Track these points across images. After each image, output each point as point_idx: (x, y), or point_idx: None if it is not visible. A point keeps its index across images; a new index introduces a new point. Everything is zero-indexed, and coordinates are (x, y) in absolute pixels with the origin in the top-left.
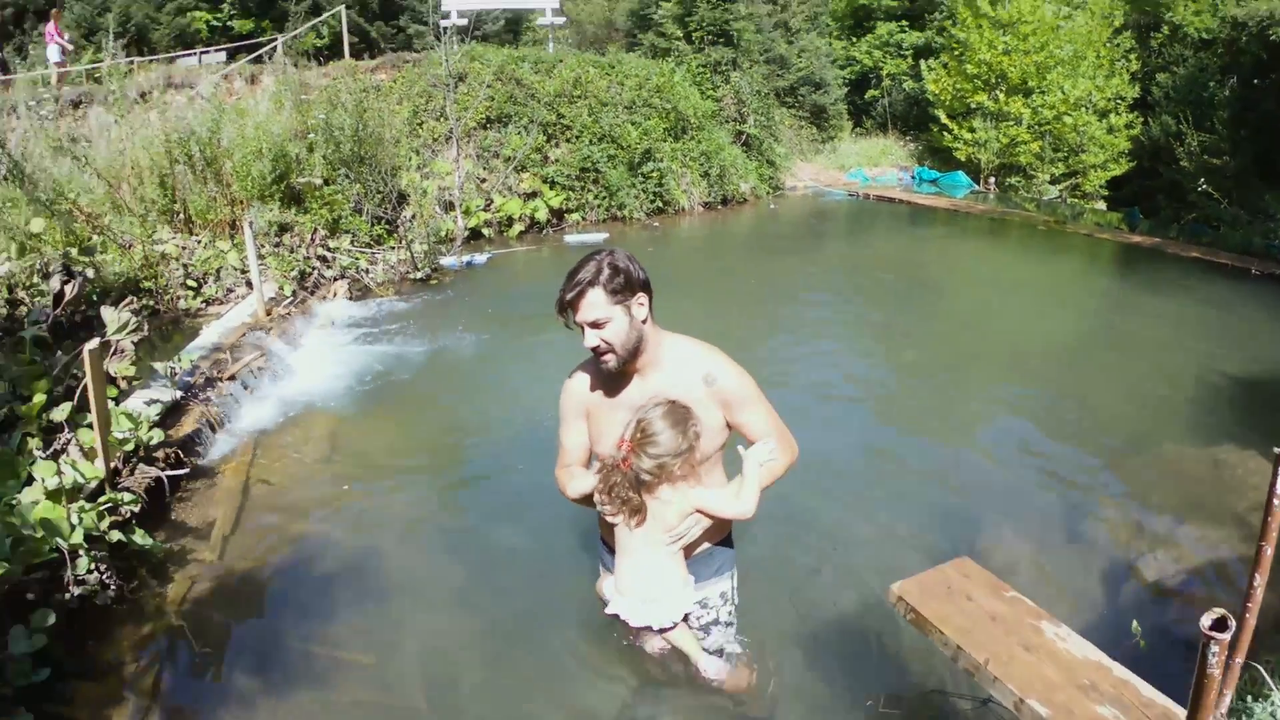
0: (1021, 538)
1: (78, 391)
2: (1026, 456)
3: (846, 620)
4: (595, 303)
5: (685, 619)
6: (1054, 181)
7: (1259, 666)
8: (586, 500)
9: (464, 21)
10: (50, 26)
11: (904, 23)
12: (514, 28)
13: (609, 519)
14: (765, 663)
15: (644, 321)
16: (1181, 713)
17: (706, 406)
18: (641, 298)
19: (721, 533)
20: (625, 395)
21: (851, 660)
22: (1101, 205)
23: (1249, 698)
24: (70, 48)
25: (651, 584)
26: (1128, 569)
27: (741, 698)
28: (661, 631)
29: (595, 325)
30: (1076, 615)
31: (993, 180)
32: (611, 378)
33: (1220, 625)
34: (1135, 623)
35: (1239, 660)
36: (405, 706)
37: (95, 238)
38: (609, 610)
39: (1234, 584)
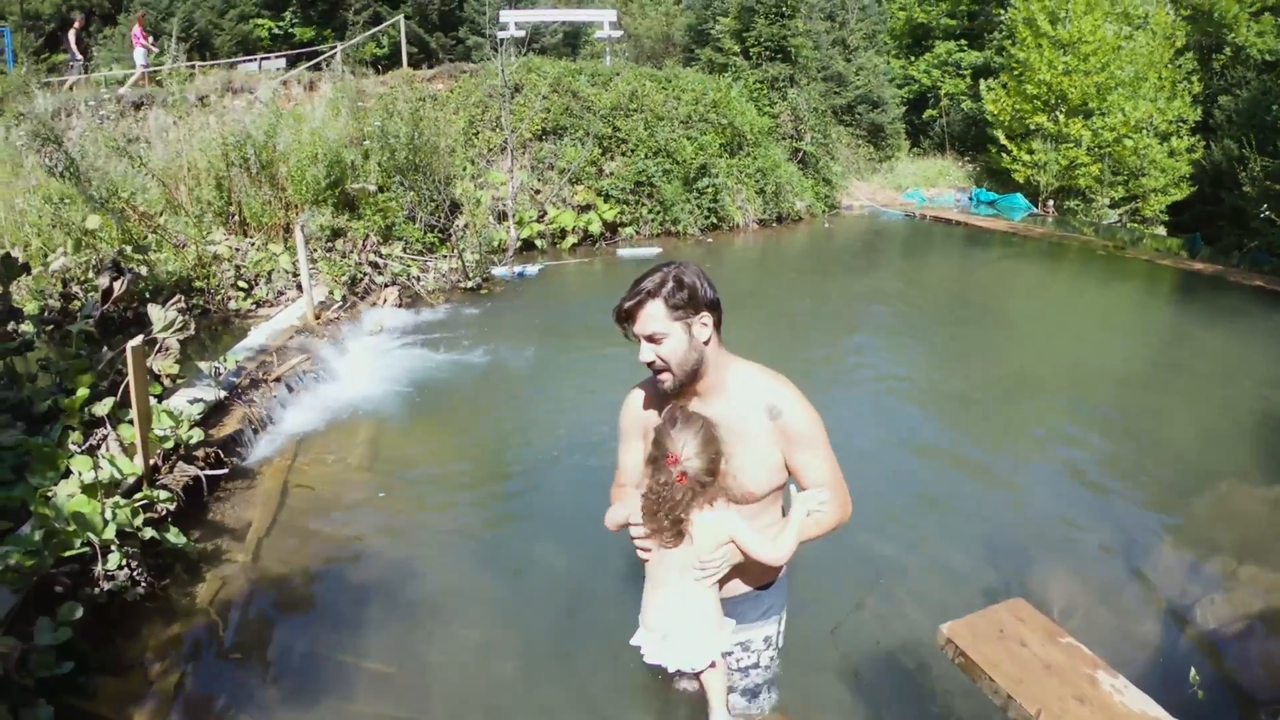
0: (1075, 577)
1: (121, 387)
2: (1081, 490)
3: (889, 660)
4: (654, 315)
5: (725, 658)
6: (1114, 205)
7: None
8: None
9: (522, 33)
10: (136, 30)
11: (963, 42)
12: (572, 41)
13: (641, 544)
14: (799, 701)
15: (706, 342)
16: None
17: (767, 441)
18: (706, 317)
19: (768, 575)
20: None
21: (892, 704)
22: (1161, 230)
23: None
24: (155, 50)
25: (684, 621)
26: (1186, 614)
27: None
28: (695, 674)
29: (652, 339)
30: (1133, 662)
31: (1051, 203)
32: (663, 399)
33: None
34: (1194, 671)
35: None
36: None
37: (150, 236)
38: (644, 656)
39: None
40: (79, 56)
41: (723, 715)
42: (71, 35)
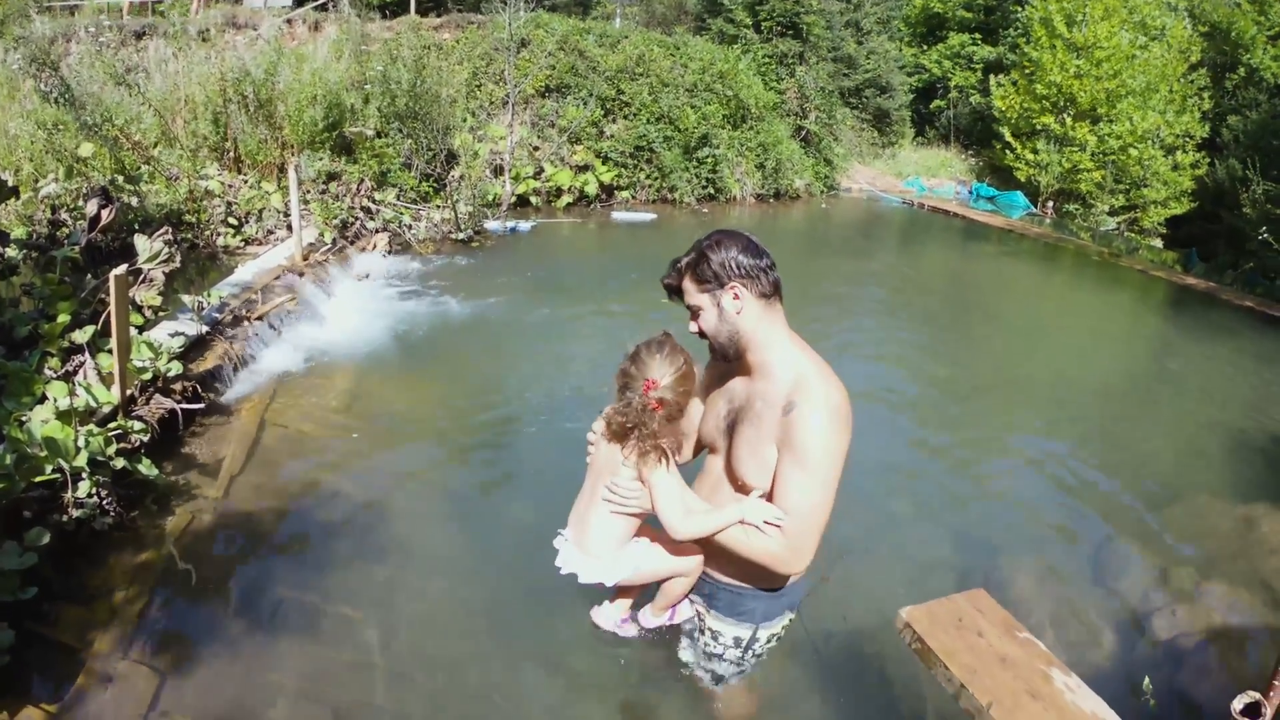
0: (1040, 574)
1: (102, 316)
2: (1055, 491)
3: (849, 640)
4: (687, 290)
5: (700, 631)
6: (1112, 213)
7: None
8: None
9: None
10: None
11: (977, 35)
12: (583, 0)
13: (593, 443)
14: (759, 678)
15: (739, 314)
16: None
17: (770, 434)
18: (737, 288)
19: (751, 577)
20: (728, 387)
21: (848, 684)
22: (1158, 243)
23: None
24: None
25: (586, 535)
26: (1146, 622)
27: (731, 711)
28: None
29: (692, 312)
30: (1088, 664)
31: (1050, 204)
32: (727, 366)
33: (1253, 711)
34: (1147, 680)
35: None
36: (387, 668)
37: (143, 167)
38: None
39: (1255, 652)
40: None
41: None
42: None
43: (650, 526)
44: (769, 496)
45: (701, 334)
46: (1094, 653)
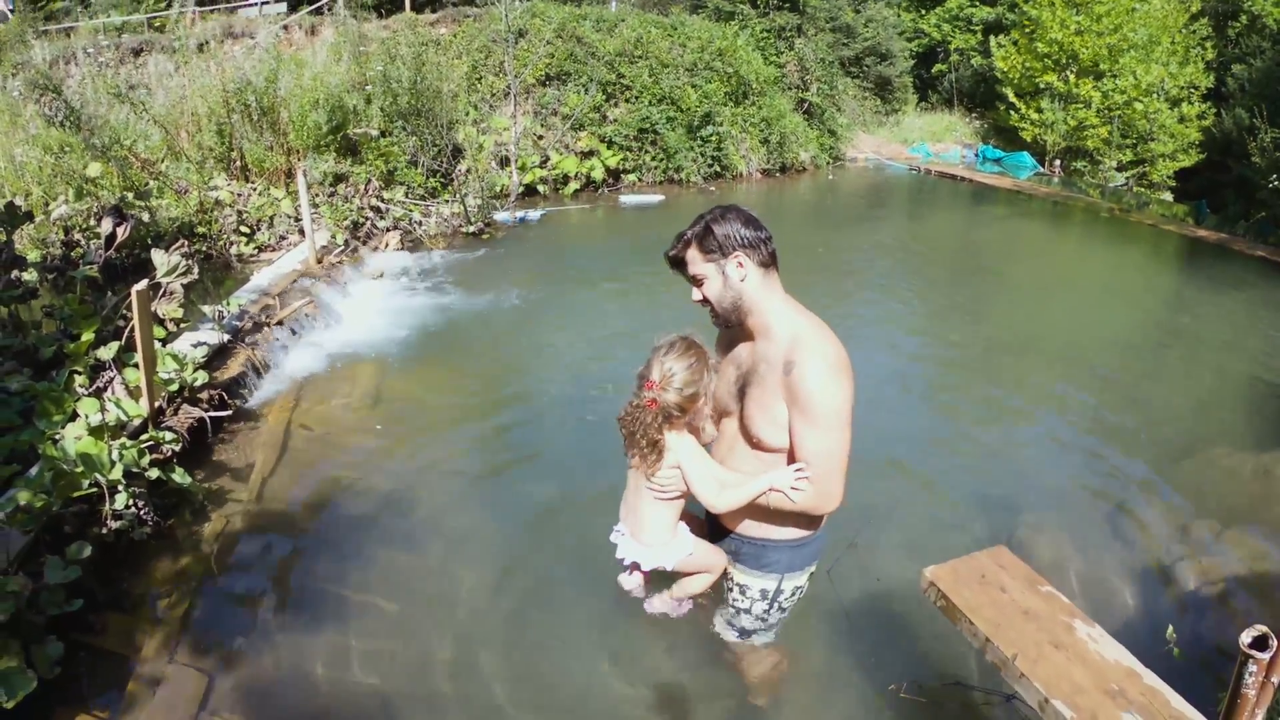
0: (1062, 531)
1: (125, 331)
2: (1073, 449)
3: (876, 600)
4: (692, 259)
5: (727, 593)
6: (1120, 169)
7: None
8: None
9: None
10: None
11: None
12: None
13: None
14: (794, 635)
15: (743, 281)
16: None
17: (776, 393)
18: (740, 257)
19: (782, 529)
20: (737, 352)
21: (876, 642)
22: (1168, 196)
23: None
24: None
25: (638, 526)
26: (1168, 573)
27: (759, 674)
28: (668, 571)
29: (695, 281)
30: (1111, 616)
31: (1058, 163)
32: (732, 334)
33: (1260, 644)
34: (1171, 629)
35: (1276, 680)
36: (424, 657)
37: (151, 183)
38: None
39: (1275, 598)
40: None
41: (662, 598)
42: None
43: (690, 512)
44: (789, 452)
45: (704, 302)
46: (1116, 604)
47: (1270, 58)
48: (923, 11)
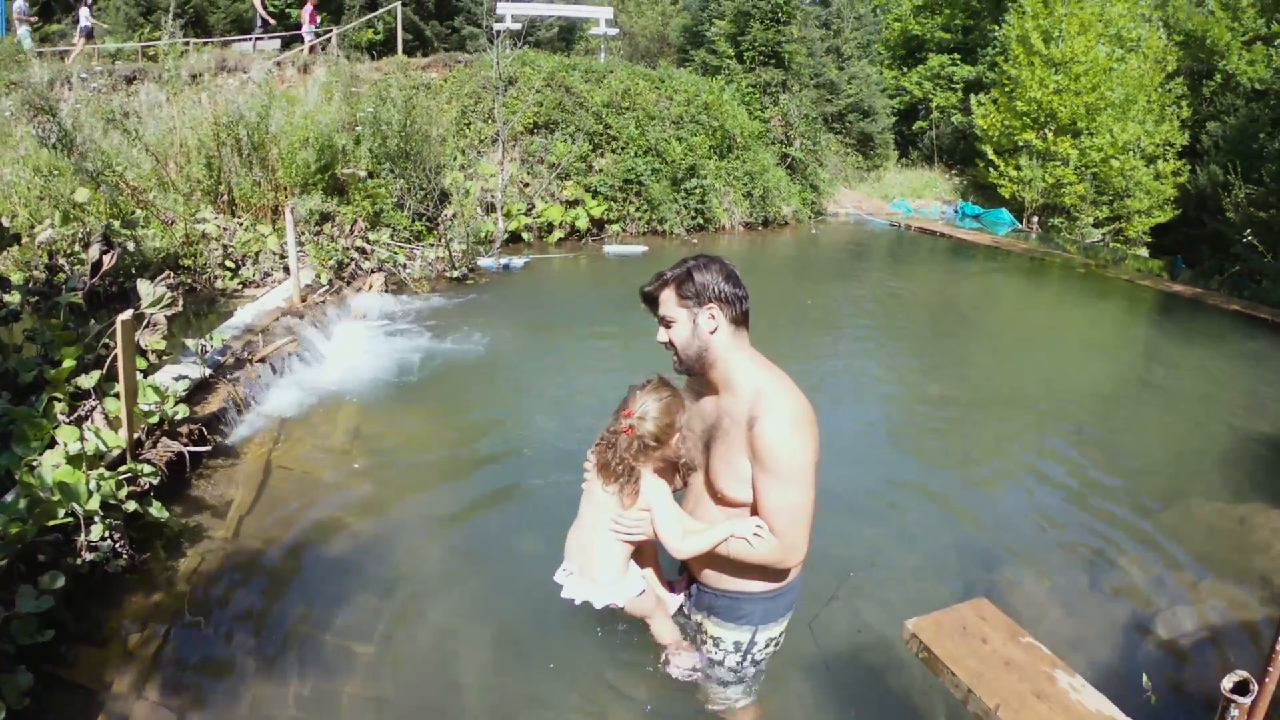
0: (1041, 582)
1: (107, 361)
2: (1052, 501)
3: (857, 653)
4: (666, 300)
5: (700, 645)
6: (1097, 225)
7: None
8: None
9: (518, 26)
10: (308, 10)
11: (956, 56)
12: (567, 36)
13: (588, 475)
14: (774, 689)
15: (712, 333)
16: None
17: (741, 449)
18: (714, 309)
19: (755, 581)
20: (702, 406)
21: (858, 696)
22: (1144, 252)
23: None
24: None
25: (589, 562)
26: (1146, 623)
27: None
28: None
29: (664, 322)
30: (1092, 666)
31: (1035, 219)
32: (699, 389)
33: (1241, 689)
34: (1146, 677)
35: None
36: (399, 702)
37: (139, 212)
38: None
39: (1253, 646)
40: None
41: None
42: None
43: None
44: (753, 507)
45: (669, 345)
46: (1097, 654)
47: (1244, 115)
48: (905, 69)
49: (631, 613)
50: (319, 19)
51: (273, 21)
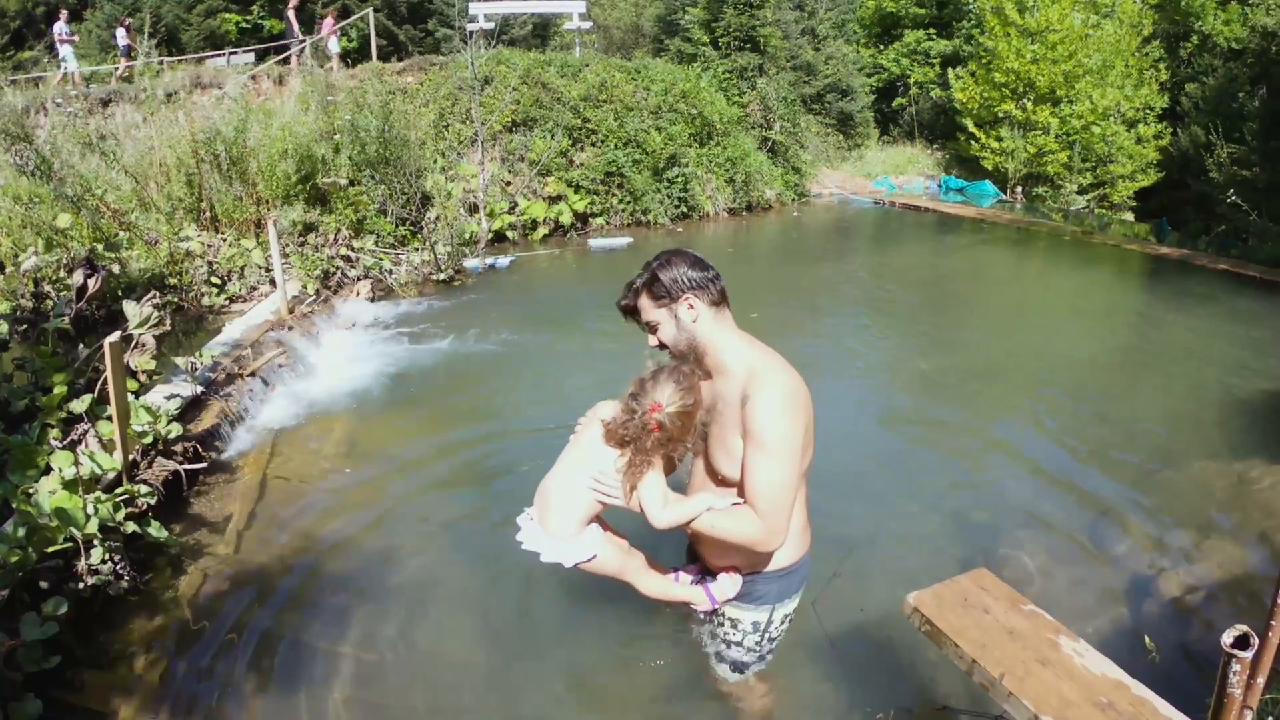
0: (1041, 550)
1: (98, 384)
2: (1049, 469)
3: (860, 630)
4: (644, 308)
5: (717, 626)
6: (1081, 192)
7: None
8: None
9: (491, 25)
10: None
11: (931, 31)
12: (541, 32)
13: (579, 428)
14: (781, 669)
15: (695, 322)
16: None
17: (736, 427)
18: (691, 299)
19: (756, 562)
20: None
21: (863, 672)
22: (1129, 216)
23: (1269, 718)
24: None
25: (550, 510)
26: (1149, 585)
27: (748, 709)
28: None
29: (649, 328)
30: (1094, 630)
31: (1019, 190)
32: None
33: (1242, 643)
34: (1148, 639)
35: (1261, 680)
36: (409, 707)
37: (121, 234)
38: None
39: (1257, 603)
40: (298, 33)
41: (713, 662)
42: (291, 12)
43: (605, 521)
44: (740, 482)
45: (661, 346)
46: (1100, 619)
47: (1222, 75)
48: (881, 47)
49: (594, 573)
50: (338, 30)
51: (305, 39)
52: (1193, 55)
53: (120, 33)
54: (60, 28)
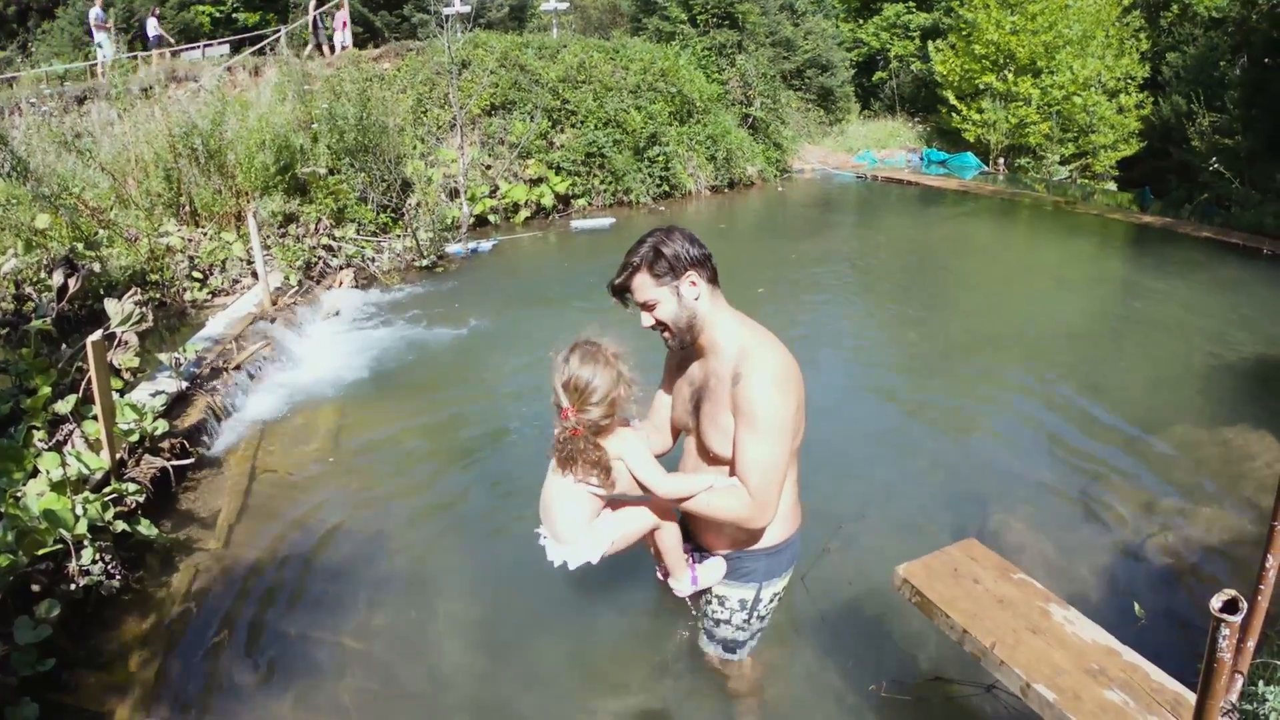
0: (1030, 520)
1: (82, 384)
2: (1035, 439)
3: (851, 604)
4: (643, 285)
5: (705, 605)
6: (1064, 162)
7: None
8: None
9: (467, 8)
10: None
11: (910, 4)
12: (518, 15)
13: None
14: (773, 647)
15: (697, 300)
16: (1192, 697)
17: (726, 405)
18: (692, 276)
19: (745, 539)
20: (689, 371)
21: (856, 645)
22: (1112, 186)
23: (1260, 683)
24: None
25: (554, 516)
26: (1137, 552)
27: (742, 686)
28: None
29: (646, 307)
30: (1085, 598)
31: (1002, 161)
32: (685, 353)
33: (1231, 607)
34: (1137, 606)
35: (1251, 643)
36: (407, 694)
37: (101, 232)
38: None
39: (1245, 567)
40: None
41: (703, 638)
42: (313, 10)
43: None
44: (730, 461)
45: (657, 326)
46: (1090, 586)
47: (1203, 44)
48: (860, 21)
49: (629, 545)
50: (349, 25)
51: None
52: (1173, 24)
53: (151, 23)
54: (96, 14)
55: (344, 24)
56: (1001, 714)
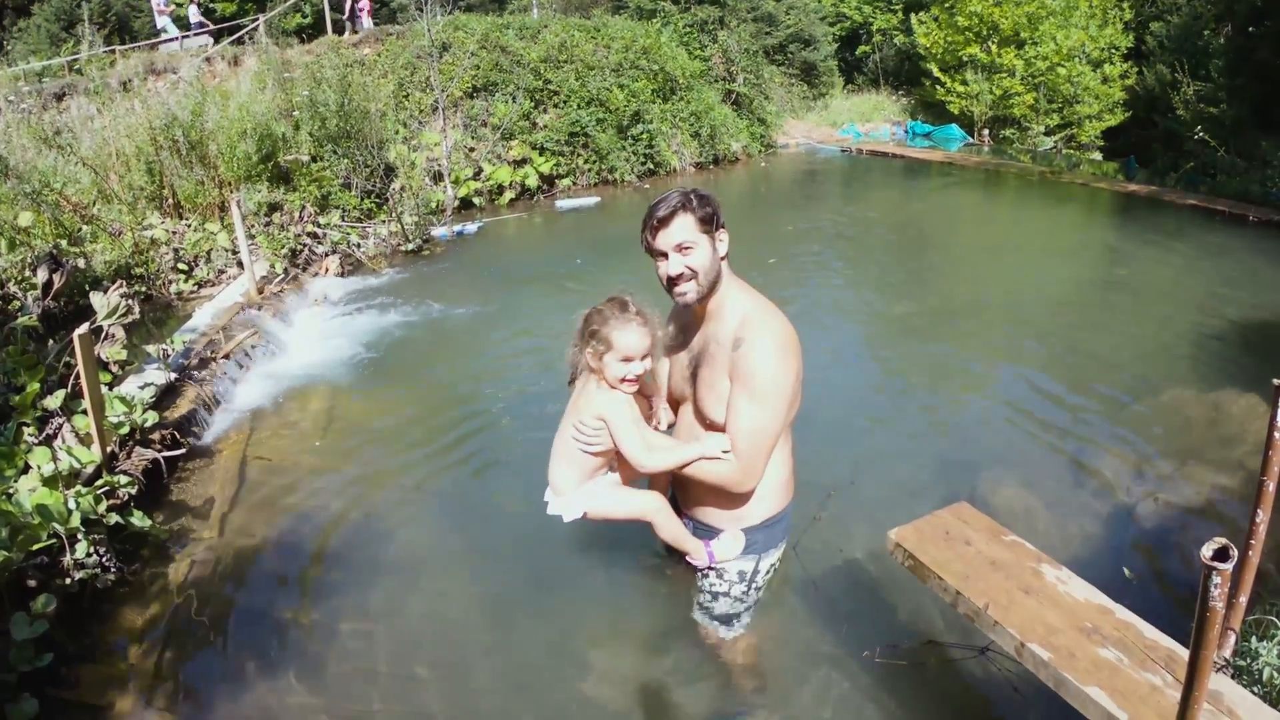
0: (1021, 484)
1: (70, 378)
2: (1026, 405)
3: (844, 570)
4: (685, 225)
5: (703, 575)
6: (1049, 133)
7: (1273, 620)
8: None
9: None
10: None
11: None
12: None
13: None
14: (766, 616)
15: (723, 259)
16: (1185, 654)
17: (725, 370)
18: (724, 234)
19: (753, 513)
20: (688, 340)
21: (849, 610)
22: (1097, 155)
23: (1253, 638)
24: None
25: (553, 472)
26: (1128, 513)
27: (737, 658)
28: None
29: (681, 248)
30: (1076, 558)
31: (986, 133)
32: (682, 320)
33: (1222, 555)
34: (1127, 570)
35: (1243, 599)
36: (408, 675)
37: (84, 227)
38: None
39: (1235, 527)
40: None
41: (698, 613)
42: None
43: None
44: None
45: (685, 274)
46: (1083, 549)
47: (1186, 13)
48: None
49: (609, 520)
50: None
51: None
52: None
53: (193, 10)
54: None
55: (367, 10)
56: (996, 676)
